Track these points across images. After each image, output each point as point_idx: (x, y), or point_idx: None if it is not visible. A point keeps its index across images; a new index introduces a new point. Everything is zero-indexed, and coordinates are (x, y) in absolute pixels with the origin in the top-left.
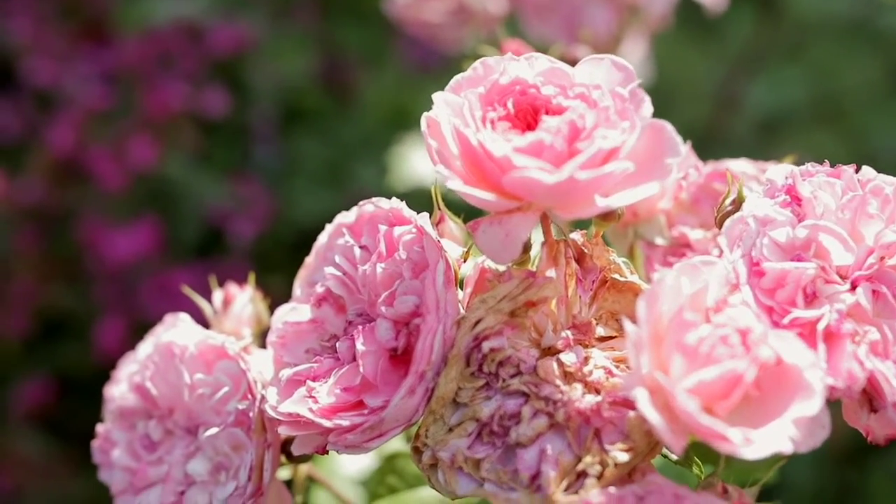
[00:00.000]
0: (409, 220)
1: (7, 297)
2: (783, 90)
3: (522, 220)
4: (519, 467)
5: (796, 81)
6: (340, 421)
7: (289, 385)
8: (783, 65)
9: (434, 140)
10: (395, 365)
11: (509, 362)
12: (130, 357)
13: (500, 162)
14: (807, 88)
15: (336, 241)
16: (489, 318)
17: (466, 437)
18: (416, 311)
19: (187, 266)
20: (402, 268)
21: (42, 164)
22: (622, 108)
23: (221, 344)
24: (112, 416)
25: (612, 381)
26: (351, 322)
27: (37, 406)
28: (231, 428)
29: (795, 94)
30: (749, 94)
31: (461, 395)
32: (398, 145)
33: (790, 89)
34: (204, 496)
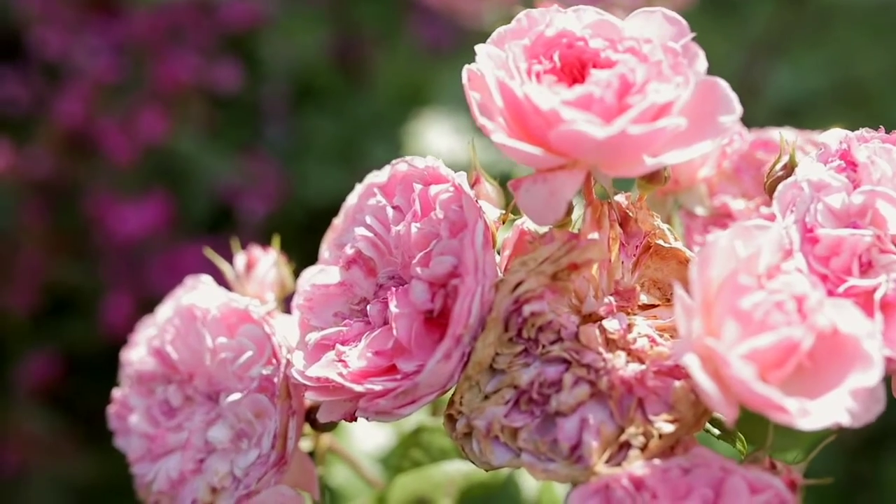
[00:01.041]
0: (447, 178)
1: (13, 272)
2: (805, 76)
3: (568, 179)
4: (559, 437)
5: (818, 67)
6: (372, 386)
7: (316, 349)
8: (805, 50)
9: (477, 93)
10: (430, 328)
11: (550, 328)
12: (149, 320)
13: (546, 115)
14: (829, 74)
15: (367, 202)
16: (531, 281)
17: (504, 404)
18: (454, 272)
19: (197, 243)
20: (438, 228)
21: (50, 136)
22: (675, 62)
23: (245, 307)
24: (129, 380)
25: (656, 349)
26: (382, 285)
27: (43, 382)
28: (254, 394)
29: (817, 80)
30: (770, 80)
31: (498, 362)
32: (413, 121)
33: (812, 75)
34: (224, 464)
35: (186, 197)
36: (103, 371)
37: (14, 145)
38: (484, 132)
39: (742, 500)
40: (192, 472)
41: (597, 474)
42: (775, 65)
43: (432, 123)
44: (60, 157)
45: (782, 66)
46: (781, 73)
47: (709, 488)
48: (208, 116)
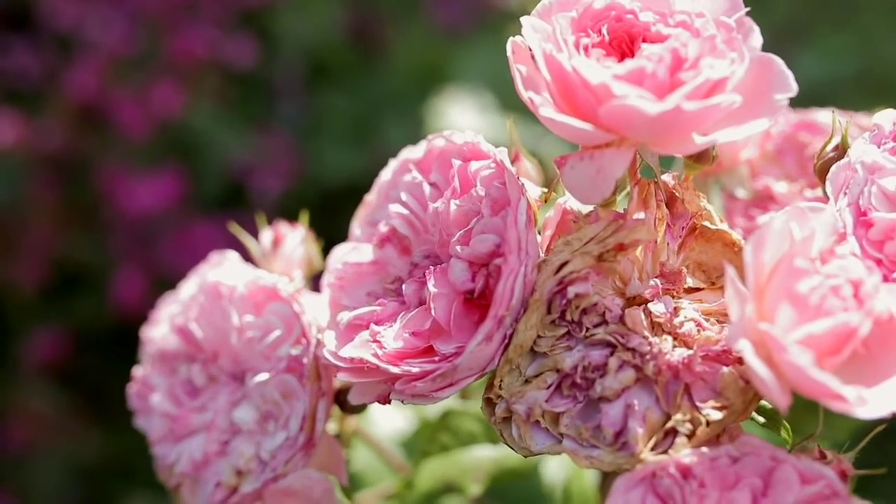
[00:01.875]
0: (488, 154)
1: (22, 246)
2: (830, 62)
3: (616, 156)
4: (603, 423)
5: (843, 53)
6: (409, 367)
7: (349, 329)
8: (830, 36)
9: (523, 66)
10: (469, 309)
11: (594, 310)
12: (170, 297)
13: (595, 90)
14: (854, 60)
15: (401, 178)
16: (576, 261)
17: (545, 389)
18: (496, 252)
19: (209, 220)
20: (479, 205)
21: (61, 109)
22: (729, 37)
23: (273, 284)
24: (151, 359)
25: (703, 334)
26: (417, 264)
27: (50, 359)
28: (282, 374)
29: (842, 66)
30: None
31: (540, 344)
32: (433, 100)
33: (838, 60)
34: (250, 446)
35: (199, 173)
36: (112, 349)
37: (24, 118)
38: (529, 107)
39: (793, 490)
40: (216, 454)
41: (642, 462)
42: (800, 50)
43: (454, 101)
44: (72, 131)
45: (807, 52)
46: (807, 58)
47: (758, 478)
48: (222, 92)
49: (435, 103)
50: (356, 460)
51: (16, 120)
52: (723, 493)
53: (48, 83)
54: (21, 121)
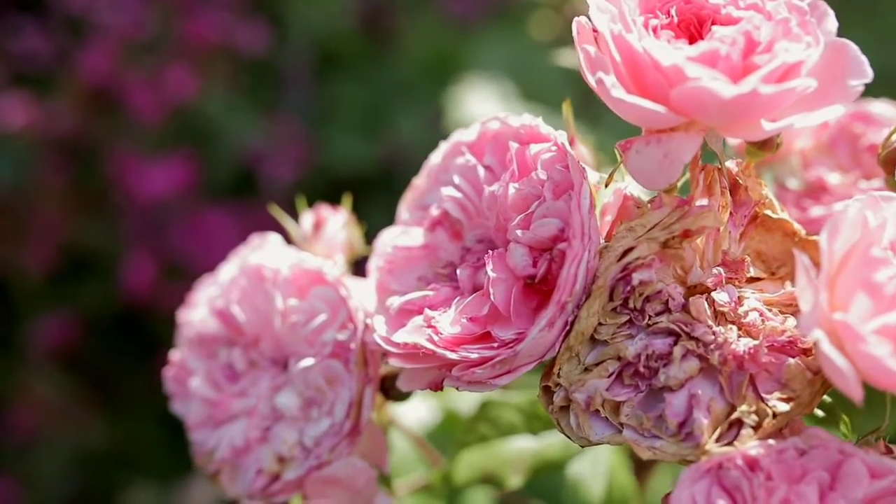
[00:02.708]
0: (548, 137)
1: (30, 230)
2: None
3: (685, 141)
4: (666, 413)
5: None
6: (468, 353)
7: (400, 314)
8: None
9: (590, 46)
10: (527, 295)
11: (657, 298)
12: (209, 279)
13: (667, 72)
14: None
15: (453, 161)
16: (642, 248)
17: (606, 377)
18: (559, 236)
19: (220, 206)
20: (540, 189)
21: (72, 92)
22: (802, 20)
23: (318, 268)
24: (189, 342)
25: (768, 324)
26: (469, 249)
27: (58, 345)
28: (327, 360)
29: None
30: None
31: (601, 332)
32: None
33: None
34: (292, 433)
35: (210, 159)
36: (117, 336)
37: (34, 100)
38: (596, 88)
39: (862, 484)
40: (257, 440)
41: (707, 453)
42: None
43: (474, 90)
44: (82, 114)
45: None
46: None
47: (825, 471)
48: (234, 78)
49: (454, 92)
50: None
51: (26, 102)
52: (791, 487)
53: (59, 66)
54: (31, 103)
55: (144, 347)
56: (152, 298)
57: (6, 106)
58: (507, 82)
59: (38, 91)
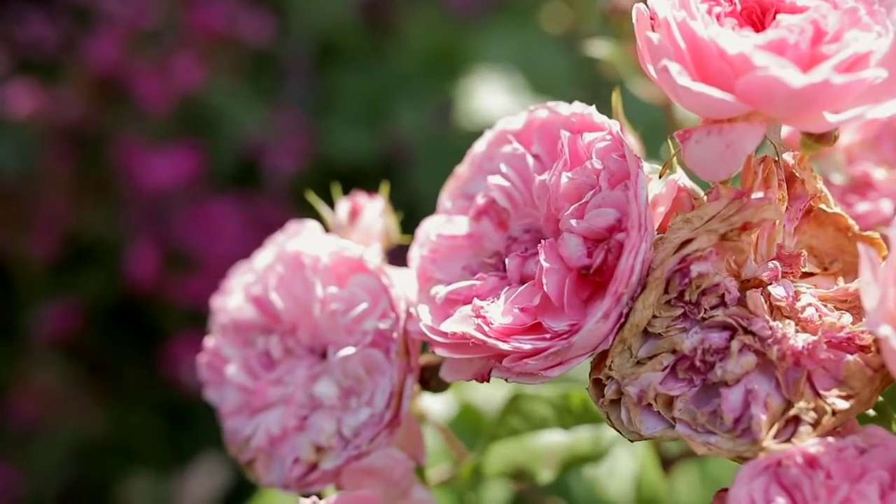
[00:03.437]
0: (602, 126)
1: (34, 217)
2: None
3: (747, 131)
4: (722, 408)
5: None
6: (520, 344)
7: (446, 304)
8: None
9: (653, 34)
10: (578, 286)
11: (714, 291)
12: (244, 266)
13: (734, 60)
14: None
15: (499, 150)
16: (701, 239)
17: (660, 370)
18: (615, 226)
19: (223, 197)
20: (595, 178)
21: (79, 80)
22: (871, 9)
23: (359, 256)
24: (224, 329)
25: (826, 320)
26: (516, 238)
27: (59, 333)
28: (368, 349)
29: None
30: None
31: (654, 325)
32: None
33: None
34: (330, 422)
35: (213, 149)
36: (121, 324)
37: (40, 88)
38: (659, 76)
39: None
40: (294, 429)
41: (765, 450)
42: None
43: (482, 82)
44: (89, 102)
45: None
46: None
47: (885, 470)
48: (238, 68)
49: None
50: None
51: (32, 90)
52: (851, 486)
53: (65, 54)
54: (37, 91)
55: (146, 337)
56: (155, 288)
57: (12, 93)
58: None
59: (44, 79)
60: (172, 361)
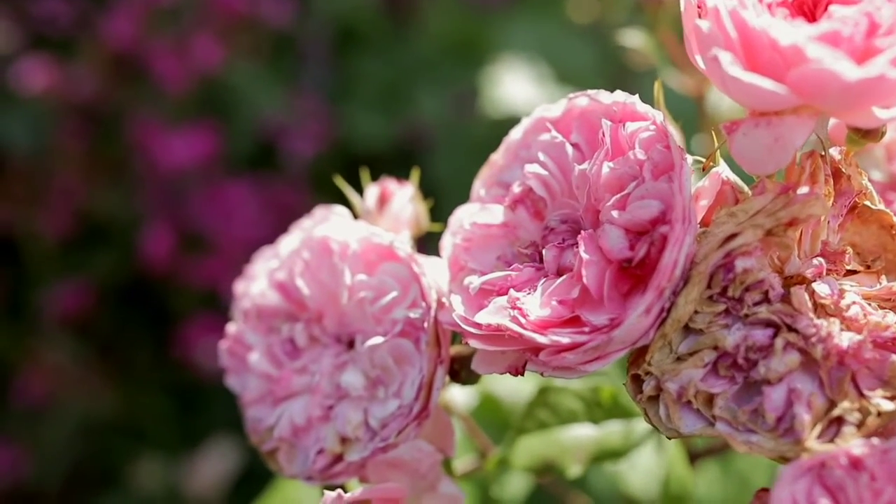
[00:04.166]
0: (646, 115)
1: (47, 195)
2: None
3: (797, 125)
4: (765, 406)
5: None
6: (558, 337)
7: (480, 294)
8: None
9: (703, 22)
10: (618, 279)
11: (757, 287)
12: (267, 251)
13: (786, 52)
14: None
15: (536, 138)
16: (747, 234)
17: (702, 367)
18: (659, 218)
19: (240, 179)
20: (638, 169)
21: (95, 57)
22: None
23: (389, 243)
24: (246, 315)
25: (871, 319)
26: (553, 229)
27: (70, 312)
28: (397, 338)
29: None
30: None
31: (696, 321)
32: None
33: None
34: (357, 413)
35: (231, 131)
36: (131, 305)
37: (55, 64)
38: (708, 65)
39: None
40: (319, 419)
41: (808, 450)
42: None
43: (508, 71)
44: (105, 79)
45: None
46: None
47: None
48: (258, 50)
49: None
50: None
51: (46, 66)
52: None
53: (80, 30)
54: (52, 67)
55: (156, 318)
56: (169, 269)
57: (26, 69)
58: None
59: (58, 55)
60: (186, 343)
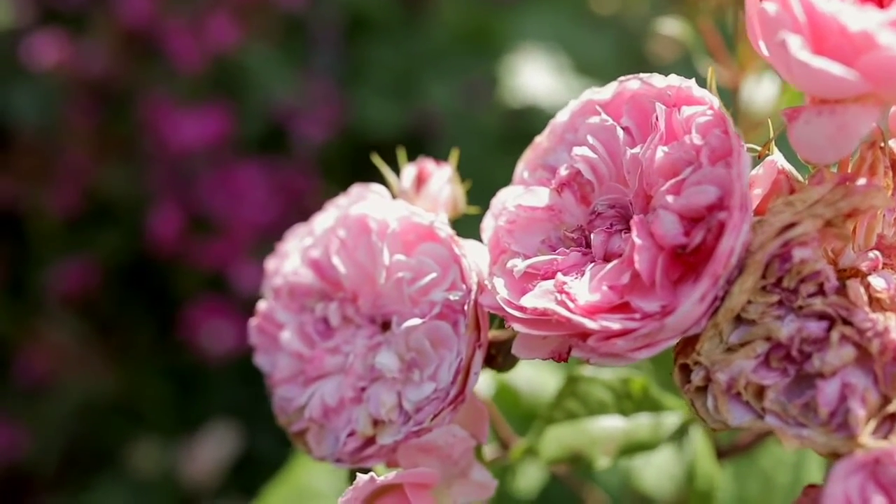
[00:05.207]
0: (703, 100)
1: (54, 171)
2: None
3: (862, 114)
4: (818, 400)
5: None
6: (609, 323)
7: (524, 277)
8: None
9: (770, 4)
10: (670, 266)
11: (813, 279)
12: (301, 228)
13: (855, 38)
14: None
15: (583, 121)
16: (806, 224)
17: (754, 358)
18: (716, 204)
19: (250, 162)
20: (693, 154)
21: (108, 33)
22: None
23: (430, 223)
24: (277, 293)
25: None
26: (599, 213)
27: (73, 291)
28: (435, 321)
29: None
30: None
31: (748, 311)
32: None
33: None
34: (391, 395)
35: (242, 113)
36: (135, 286)
37: (67, 39)
38: (774, 50)
39: None
40: (351, 401)
41: (862, 446)
42: None
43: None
44: (117, 56)
45: None
46: None
47: None
48: (271, 32)
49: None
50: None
51: (58, 41)
52: None
53: (93, 6)
54: (63, 42)
55: (158, 300)
56: (176, 250)
57: (37, 43)
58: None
59: (71, 30)
60: (190, 326)
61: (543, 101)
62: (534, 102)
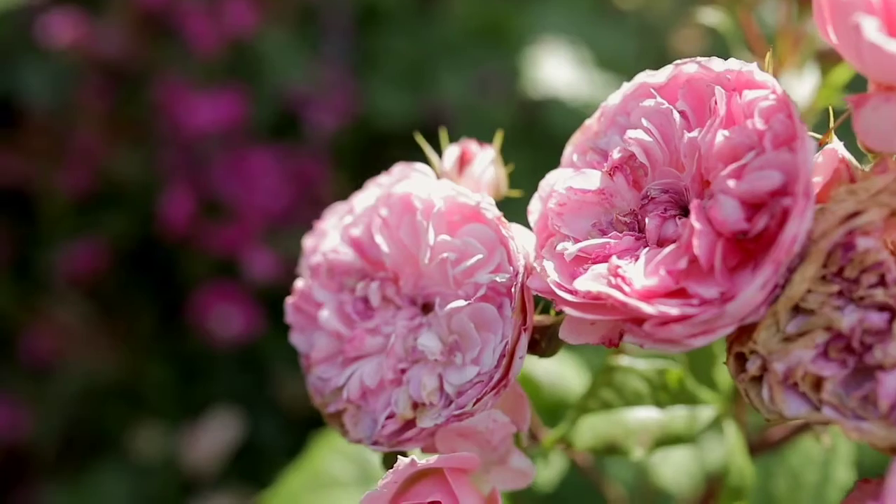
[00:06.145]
0: (765, 84)
1: (66, 152)
2: None
3: None
4: (878, 393)
5: None
6: (666, 308)
7: (575, 261)
8: None
9: None
10: (728, 252)
11: (875, 269)
12: (340, 207)
13: None
14: None
15: (636, 104)
16: (872, 213)
17: (813, 348)
18: (780, 190)
19: (262, 148)
20: (755, 139)
21: (124, 14)
22: None
23: (476, 204)
24: (316, 272)
25: None
26: (652, 198)
27: (81, 272)
28: (480, 303)
29: None
30: None
31: (808, 300)
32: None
33: None
34: (432, 378)
35: (256, 98)
36: (142, 269)
37: (82, 19)
38: (845, 34)
39: None
40: (392, 383)
41: None
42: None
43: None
44: (133, 37)
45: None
46: None
47: None
48: (284, 19)
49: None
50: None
51: (73, 20)
52: None
53: None
54: (78, 22)
55: (164, 285)
56: (187, 234)
57: (53, 22)
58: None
59: (87, 10)
60: (199, 310)
61: (564, 93)
62: (555, 95)
